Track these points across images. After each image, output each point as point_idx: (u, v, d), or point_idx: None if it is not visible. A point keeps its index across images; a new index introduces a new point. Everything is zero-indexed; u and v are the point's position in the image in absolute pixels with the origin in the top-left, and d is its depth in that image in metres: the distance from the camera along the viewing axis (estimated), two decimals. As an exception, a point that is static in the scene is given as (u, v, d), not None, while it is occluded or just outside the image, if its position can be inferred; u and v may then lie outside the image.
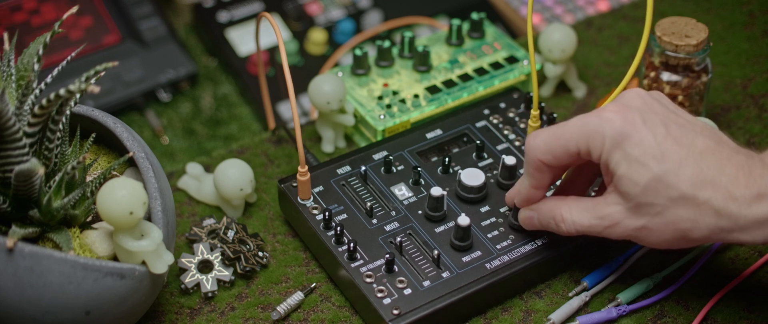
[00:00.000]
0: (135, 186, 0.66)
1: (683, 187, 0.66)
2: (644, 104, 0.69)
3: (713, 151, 0.67)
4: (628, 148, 0.67)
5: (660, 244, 0.69)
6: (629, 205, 0.68)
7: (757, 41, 1.02)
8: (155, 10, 1.16)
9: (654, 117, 0.68)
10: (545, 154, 0.71)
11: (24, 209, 0.68)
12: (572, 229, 0.72)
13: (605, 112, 0.69)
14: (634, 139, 0.67)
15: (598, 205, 0.70)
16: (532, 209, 0.75)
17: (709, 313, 0.77)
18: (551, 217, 0.73)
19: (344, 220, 0.79)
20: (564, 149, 0.70)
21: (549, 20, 1.18)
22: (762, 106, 0.94)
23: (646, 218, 0.68)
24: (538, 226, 0.75)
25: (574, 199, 0.72)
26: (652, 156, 0.67)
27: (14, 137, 0.64)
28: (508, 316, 0.77)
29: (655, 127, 0.67)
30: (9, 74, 0.67)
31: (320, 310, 0.77)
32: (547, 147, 0.71)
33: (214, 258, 0.79)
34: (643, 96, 0.70)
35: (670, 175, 0.66)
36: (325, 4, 1.21)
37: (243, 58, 1.15)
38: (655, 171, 0.67)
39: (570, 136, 0.70)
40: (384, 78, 0.92)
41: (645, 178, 0.67)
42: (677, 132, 0.68)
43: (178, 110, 1.13)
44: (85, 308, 0.66)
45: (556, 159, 0.71)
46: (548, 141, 0.71)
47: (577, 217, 0.71)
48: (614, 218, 0.69)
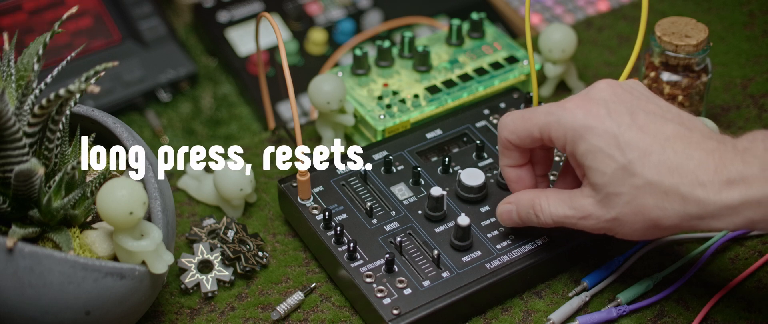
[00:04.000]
0: (135, 186, 0.66)
1: (648, 175, 0.66)
2: (612, 94, 0.69)
3: (682, 136, 0.67)
4: (592, 140, 0.68)
5: (633, 234, 0.69)
6: (599, 197, 0.69)
7: (757, 41, 1.02)
8: (155, 10, 1.16)
9: (620, 107, 0.68)
10: (511, 134, 0.73)
11: (24, 209, 0.68)
12: (549, 220, 0.72)
13: (569, 103, 0.70)
14: (597, 130, 0.68)
15: (573, 196, 0.71)
16: (510, 202, 0.75)
17: (709, 313, 0.77)
18: (531, 206, 0.73)
19: (344, 220, 0.79)
20: (528, 133, 0.72)
21: (549, 20, 1.18)
22: (762, 106, 0.94)
23: (616, 209, 0.68)
24: (517, 219, 0.75)
25: (554, 190, 0.73)
26: (616, 146, 0.67)
27: (14, 137, 0.64)
28: (508, 316, 0.77)
29: (620, 116, 0.68)
30: (9, 74, 0.67)
31: (320, 310, 0.77)
32: (514, 127, 0.73)
33: (214, 258, 0.79)
34: (612, 86, 0.70)
35: (635, 163, 0.66)
36: (325, 4, 1.21)
37: (243, 58, 1.15)
38: (619, 161, 0.67)
39: (535, 122, 0.71)
40: (384, 78, 0.92)
41: (611, 168, 0.67)
42: (644, 120, 0.68)
43: (178, 110, 1.13)
44: (85, 308, 0.66)
45: (521, 140, 0.73)
46: (515, 122, 0.73)
47: (553, 208, 0.72)
48: (587, 210, 0.70)
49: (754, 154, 0.65)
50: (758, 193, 0.64)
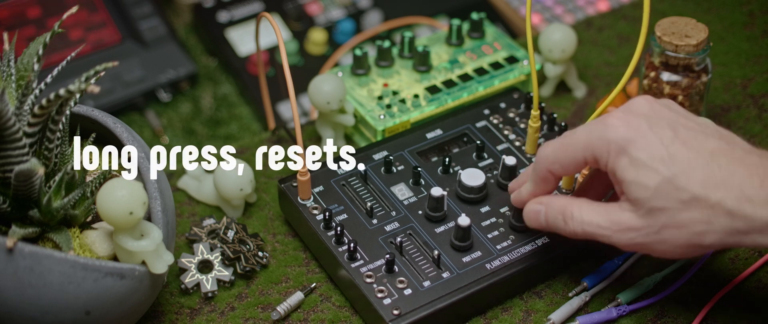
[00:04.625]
0: (135, 186, 0.66)
1: (694, 189, 0.65)
2: (651, 110, 0.69)
3: (724, 152, 0.66)
4: (635, 153, 0.67)
5: (673, 252, 0.68)
6: (642, 211, 0.67)
7: (757, 41, 1.02)
8: (155, 10, 1.16)
9: (661, 121, 0.68)
10: (554, 164, 0.71)
11: (24, 209, 0.68)
12: (579, 229, 0.71)
13: (609, 118, 0.69)
14: (639, 143, 0.67)
15: (611, 209, 0.69)
16: (541, 203, 0.73)
17: (709, 313, 0.77)
18: (561, 212, 0.72)
19: (344, 220, 0.79)
20: (572, 159, 0.70)
21: (549, 20, 1.18)
22: (762, 106, 0.94)
23: (660, 223, 0.67)
24: (544, 223, 0.73)
25: (586, 200, 0.72)
26: (659, 159, 0.66)
27: (14, 137, 0.64)
28: (508, 316, 0.77)
29: (662, 130, 0.67)
30: (9, 74, 0.67)
31: (320, 310, 0.77)
32: (556, 157, 0.71)
33: (214, 258, 0.79)
34: (650, 102, 0.69)
35: (680, 177, 0.65)
36: (325, 4, 1.21)
37: (243, 58, 1.15)
38: (664, 174, 0.66)
39: (577, 146, 0.70)
40: (384, 78, 0.92)
41: (654, 182, 0.66)
42: (686, 135, 0.67)
43: (178, 110, 1.13)
44: (85, 308, 0.66)
45: (564, 169, 0.71)
46: (557, 151, 0.71)
47: (587, 217, 0.70)
48: (626, 224, 0.68)
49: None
50: None
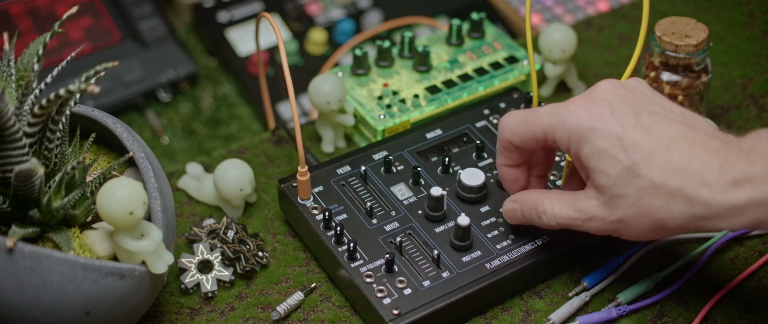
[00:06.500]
0: (135, 186, 0.66)
1: (653, 177, 0.66)
2: (615, 95, 0.69)
3: (686, 137, 0.67)
4: (597, 142, 0.68)
5: (639, 235, 0.69)
6: (604, 199, 0.69)
7: (757, 41, 1.02)
8: (155, 10, 1.16)
9: (623, 107, 0.68)
10: (513, 135, 0.73)
11: (24, 209, 0.68)
12: (553, 222, 0.72)
13: (572, 105, 0.69)
14: (601, 132, 0.67)
15: (578, 198, 0.71)
16: (515, 201, 0.75)
17: (709, 313, 0.77)
18: (534, 208, 0.73)
19: (344, 220, 0.79)
20: (531, 134, 0.71)
21: (549, 20, 1.18)
22: (762, 106, 0.94)
23: (622, 211, 0.68)
24: (521, 218, 0.75)
25: (557, 192, 0.73)
26: (620, 148, 0.67)
27: (14, 137, 0.64)
28: (508, 316, 0.77)
29: (624, 118, 0.68)
30: (9, 74, 0.67)
31: (320, 310, 0.77)
32: (516, 128, 0.72)
33: (214, 258, 0.79)
34: (615, 86, 0.70)
35: (640, 165, 0.66)
36: (325, 4, 1.21)
37: (243, 58, 1.15)
38: (624, 162, 0.67)
39: (538, 124, 0.71)
40: (384, 78, 0.92)
41: (616, 170, 0.67)
42: (648, 121, 0.68)
43: (178, 110, 1.13)
44: (85, 308, 0.66)
45: (523, 141, 0.72)
46: (518, 124, 0.72)
47: (557, 210, 0.72)
48: (591, 212, 0.70)
49: (759, 154, 0.65)
50: (763, 193, 0.64)
